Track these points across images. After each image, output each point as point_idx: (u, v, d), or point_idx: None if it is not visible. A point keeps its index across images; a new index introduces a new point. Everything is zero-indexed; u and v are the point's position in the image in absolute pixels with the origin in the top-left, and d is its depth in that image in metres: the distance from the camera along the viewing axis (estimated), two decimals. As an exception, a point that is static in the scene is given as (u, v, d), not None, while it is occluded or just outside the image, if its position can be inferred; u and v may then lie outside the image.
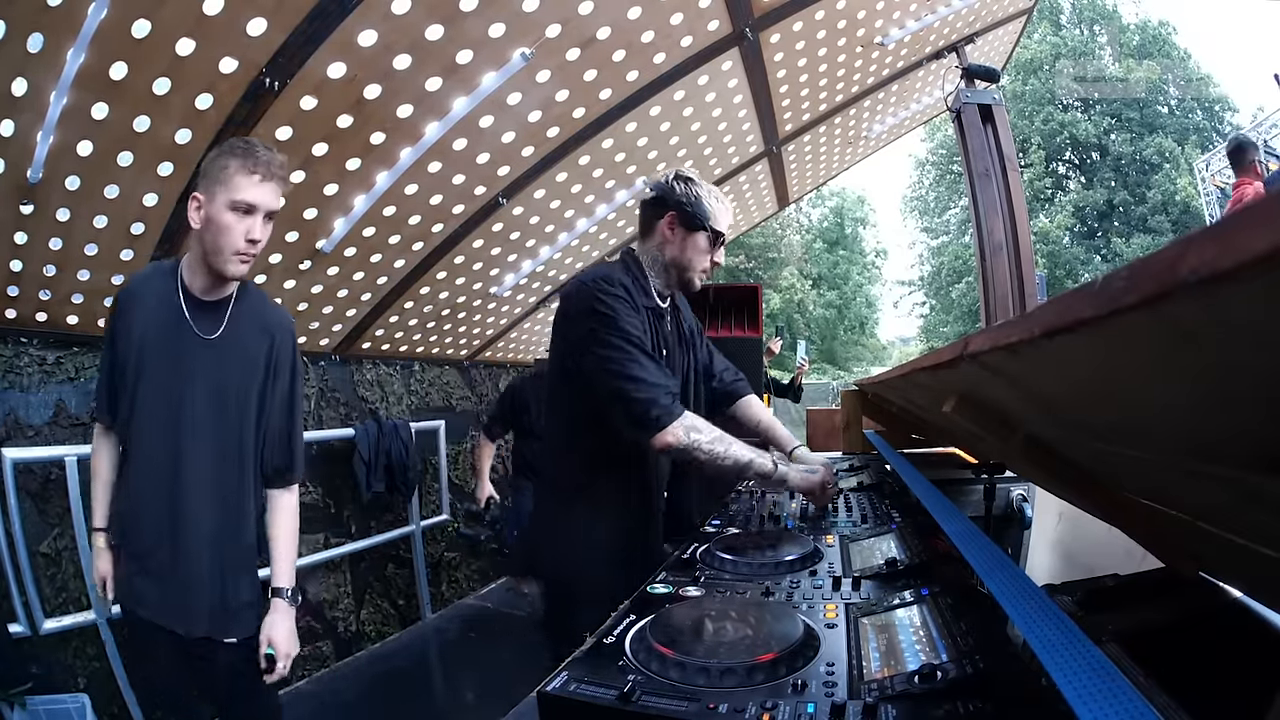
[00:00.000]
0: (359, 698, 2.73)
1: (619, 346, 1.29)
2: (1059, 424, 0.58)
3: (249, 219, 1.30)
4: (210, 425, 1.39)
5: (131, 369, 1.37)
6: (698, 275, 1.46)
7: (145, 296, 1.39)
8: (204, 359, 1.38)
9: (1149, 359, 0.28)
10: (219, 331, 1.38)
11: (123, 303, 1.40)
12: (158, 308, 1.37)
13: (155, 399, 1.37)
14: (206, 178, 1.31)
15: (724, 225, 1.44)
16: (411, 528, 3.61)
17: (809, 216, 25.60)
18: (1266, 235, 0.17)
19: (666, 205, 1.42)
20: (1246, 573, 0.69)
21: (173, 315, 1.37)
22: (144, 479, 1.39)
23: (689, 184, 1.42)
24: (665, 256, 1.45)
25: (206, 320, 1.38)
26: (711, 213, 1.42)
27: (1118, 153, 20.43)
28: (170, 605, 1.38)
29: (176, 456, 1.37)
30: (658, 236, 1.45)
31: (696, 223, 1.41)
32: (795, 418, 8.71)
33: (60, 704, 2.04)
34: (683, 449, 1.29)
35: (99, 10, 1.56)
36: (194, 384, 1.37)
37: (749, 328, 3.13)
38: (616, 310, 1.31)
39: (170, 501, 1.37)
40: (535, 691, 0.66)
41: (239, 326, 1.41)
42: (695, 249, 1.43)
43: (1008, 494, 1.80)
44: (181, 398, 1.37)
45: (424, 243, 2.97)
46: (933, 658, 0.64)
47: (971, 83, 3.54)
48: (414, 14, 1.98)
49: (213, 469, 1.40)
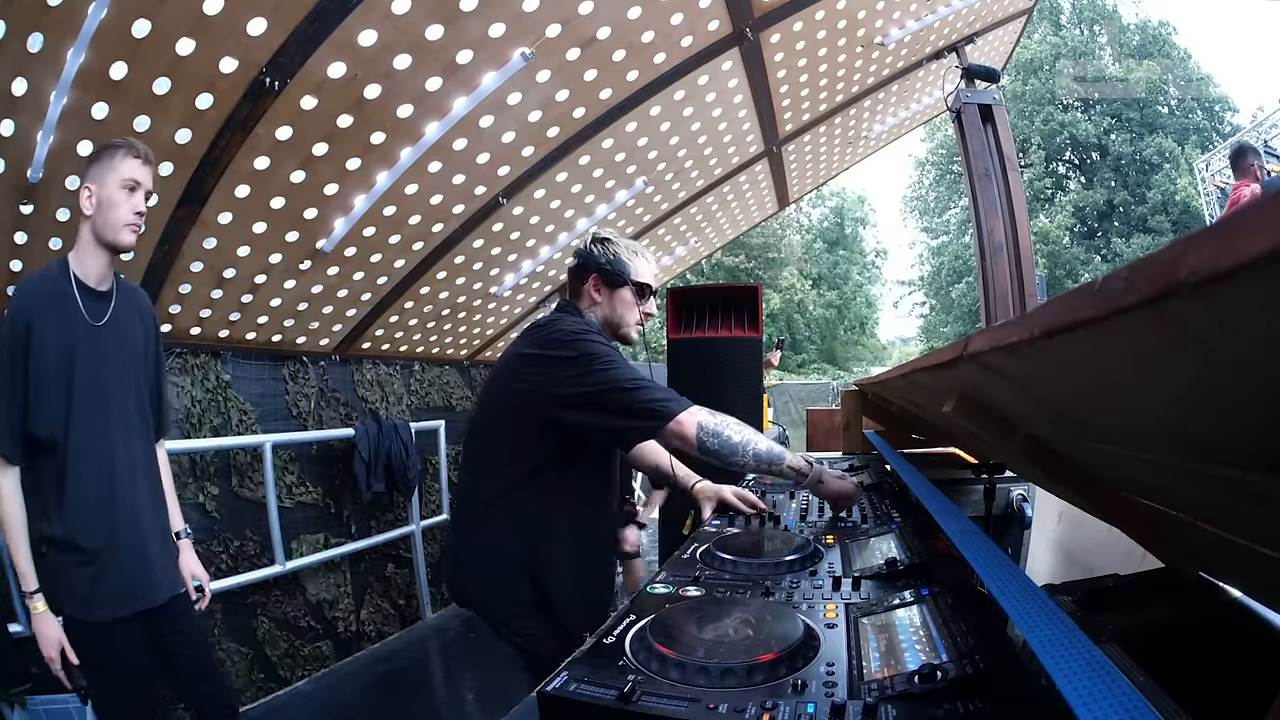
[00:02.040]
0: (359, 698, 2.73)
1: (619, 366, 1.33)
2: (1059, 424, 0.58)
3: (135, 195, 1.50)
4: (126, 405, 1.54)
5: (57, 376, 1.43)
6: (632, 329, 1.51)
7: (45, 300, 1.45)
8: (106, 342, 1.51)
9: (1149, 359, 0.28)
10: (106, 318, 1.51)
11: (24, 311, 1.42)
12: (58, 305, 1.45)
13: (85, 392, 1.46)
14: (96, 166, 1.49)
15: (646, 276, 1.49)
16: (411, 528, 3.61)
17: (809, 216, 25.62)
18: (1266, 235, 0.17)
19: (589, 269, 1.48)
20: (1246, 573, 0.69)
21: (74, 310, 1.47)
22: (88, 477, 1.46)
23: (605, 244, 1.48)
24: (598, 317, 1.49)
25: (97, 308, 1.51)
26: (631, 267, 1.47)
27: (1118, 153, 20.43)
28: (138, 586, 1.50)
29: (110, 445, 1.49)
30: (586, 299, 1.49)
31: (618, 279, 1.46)
32: (795, 418, 8.70)
33: (60, 704, 2.04)
34: (706, 435, 1.28)
35: (99, 10, 1.56)
36: (104, 369, 1.50)
37: (749, 328, 3.13)
38: (610, 350, 1.36)
39: (114, 490, 1.48)
40: (535, 691, 0.66)
41: (119, 310, 1.55)
42: (623, 304, 1.48)
43: (1008, 494, 1.80)
44: (101, 385, 1.49)
45: (424, 243, 2.97)
46: (933, 658, 0.64)
47: (971, 83, 3.54)
48: (414, 14, 1.98)
49: (140, 446, 1.57)
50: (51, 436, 1.42)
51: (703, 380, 3.00)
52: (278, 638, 2.91)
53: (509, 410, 1.40)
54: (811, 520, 1.38)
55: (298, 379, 3.13)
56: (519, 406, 1.37)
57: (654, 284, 1.53)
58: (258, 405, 2.92)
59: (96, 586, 1.44)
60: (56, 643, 1.42)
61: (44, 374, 1.42)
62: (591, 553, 1.48)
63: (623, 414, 1.31)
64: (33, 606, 1.42)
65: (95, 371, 1.48)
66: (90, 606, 1.44)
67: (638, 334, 1.53)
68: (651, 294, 1.53)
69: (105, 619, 1.44)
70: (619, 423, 1.32)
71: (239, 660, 2.73)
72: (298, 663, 2.97)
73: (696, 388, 2.99)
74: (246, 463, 2.83)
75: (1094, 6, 21.37)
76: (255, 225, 2.37)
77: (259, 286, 2.62)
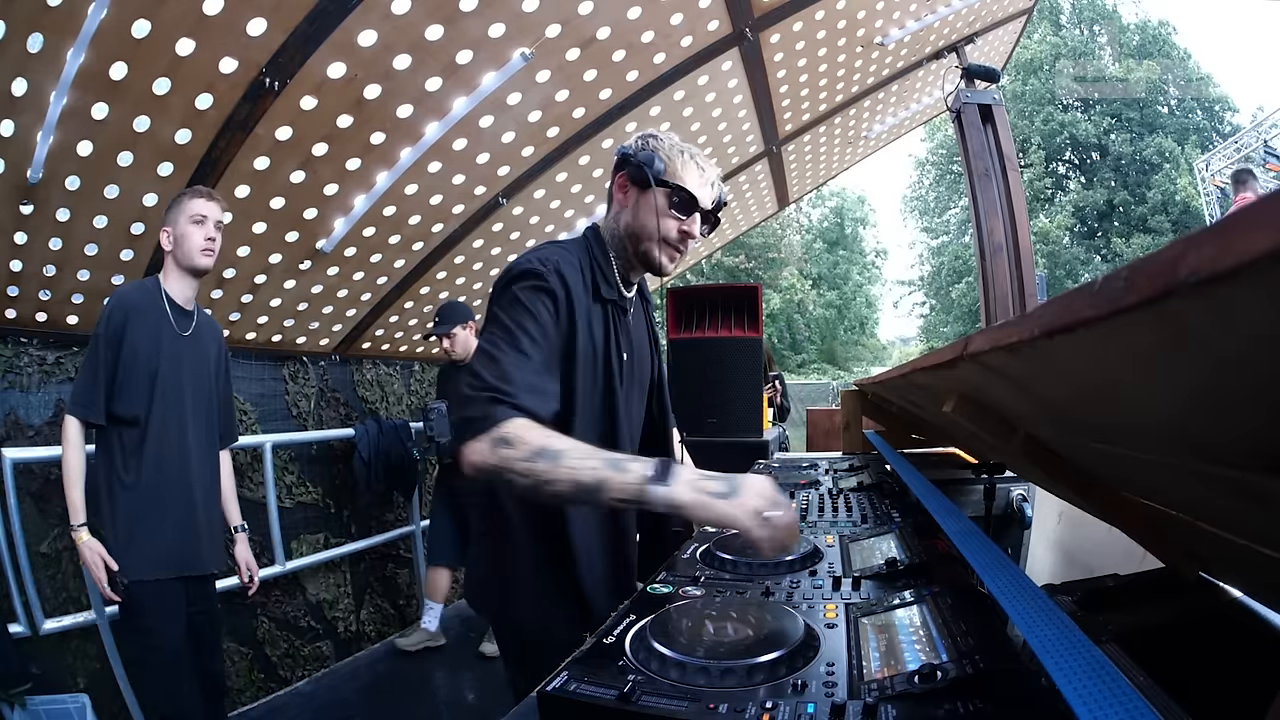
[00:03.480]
0: (359, 698, 2.73)
1: (493, 337, 1.02)
2: (1059, 424, 0.58)
3: (205, 225, 1.80)
4: (198, 405, 1.86)
5: (143, 364, 1.74)
6: (657, 246, 1.16)
7: (141, 306, 1.77)
8: (187, 352, 1.83)
9: (1149, 359, 0.28)
10: (191, 330, 1.85)
11: (121, 310, 1.74)
12: (151, 312, 1.78)
13: (167, 386, 1.77)
14: (170, 212, 1.81)
15: (690, 182, 1.15)
16: (411, 528, 3.61)
17: (809, 216, 25.62)
18: (1266, 235, 0.17)
19: (619, 165, 1.19)
20: (1246, 573, 0.69)
21: (164, 319, 1.80)
22: (161, 455, 1.75)
23: (647, 138, 1.17)
24: (620, 227, 1.19)
25: (182, 322, 1.84)
26: (671, 165, 1.14)
27: (1118, 153, 20.44)
28: (185, 554, 1.79)
29: (184, 433, 1.81)
30: (614, 205, 1.21)
31: (646, 177, 1.13)
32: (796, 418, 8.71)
33: (60, 704, 2.04)
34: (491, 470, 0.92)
35: (99, 10, 1.56)
36: (183, 371, 1.82)
37: (749, 328, 3.13)
38: (527, 301, 1.05)
39: (179, 470, 1.79)
40: (535, 691, 0.66)
41: (200, 328, 1.89)
42: (648, 210, 1.14)
43: (1008, 494, 1.80)
44: (180, 383, 1.81)
45: (424, 243, 2.97)
46: (933, 658, 0.64)
47: (971, 83, 3.54)
48: (414, 14, 1.98)
49: (205, 441, 1.88)
50: (134, 416, 1.73)
51: (703, 380, 3.00)
52: (278, 638, 2.91)
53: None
54: (812, 520, 1.38)
55: (298, 379, 3.13)
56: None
57: (701, 197, 1.16)
58: (258, 405, 2.92)
59: (151, 547, 1.72)
60: (98, 554, 1.68)
61: (132, 364, 1.72)
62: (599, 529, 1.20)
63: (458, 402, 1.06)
64: (78, 536, 1.70)
65: (175, 371, 1.79)
66: (140, 565, 1.70)
67: (669, 258, 1.18)
68: (699, 211, 1.17)
69: (150, 578, 1.71)
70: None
71: (239, 660, 2.73)
72: (298, 663, 2.97)
73: (696, 388, 3.02)
74: (246, 463, 2.83)
75: (1094, 6, 21.38)
76: (255, 225, 2.37)
77: (259, 286, 2.62)
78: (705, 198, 1.17)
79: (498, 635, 1.27)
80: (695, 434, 2.81)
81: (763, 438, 3.05)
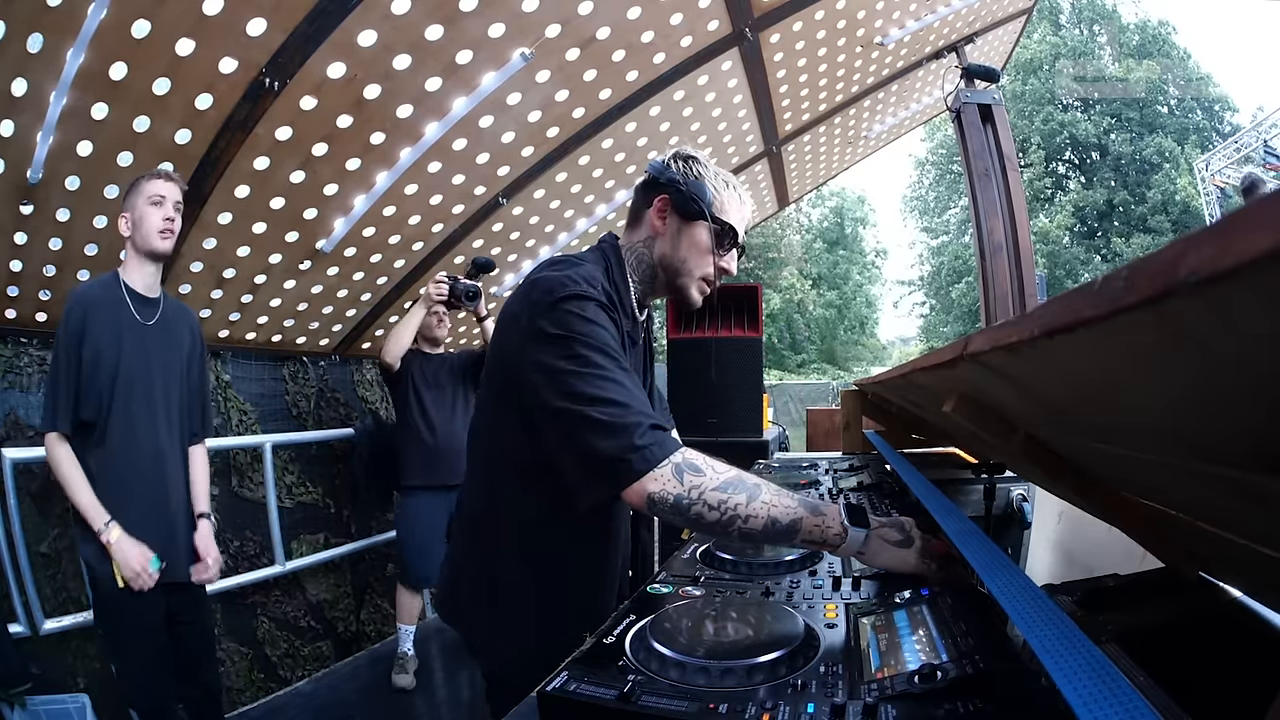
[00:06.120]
0: (359, 698, 2.73)
1: (590, 361, 0.91)
2: (1059, 424, 0.58)
3: (162, 207, 1.71)
4: (169, 398, 1.77)
5: (106, 362, 1.65)
6: (695, 286, 1.10)
7: (100, 299, 1.68)
8: (153, 341, 1.74)
9: (1149, 359, 0.28)
10: (155, 318, 1.76)
11: (80, 308, 1.65)
12: (110, 305, 1.69)
13: (134, 381, 1.69)
14: (128, 196, 1.73)
15: (735, 218, 1.09)
16: (411, 528, 3.60)
17: (809, 216, 25.63)
18: (1267, 235, 0.17)
19: (659, 185, 1.08)
20: (1246, 573, 0.69)
21: (123, 307, 1.71)
22: (129, 455, 1.66)
23: (690, 163, 1.08)
24: (653, 255, 1.10)
25: (146, 311, 1.75)
26: (718, 199, 1.07)
27: (1118, 153, 20.44)
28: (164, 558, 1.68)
29: (154, 430, 1.72)
30: (645, 229, 1.11)
31: (695, 208, 1.05)
32: (796, 418, 8.70)
33: (60, 704, 2.04)
34: (674, 502, 0.85)
35: (99, 10, 1.56)
36: (151, 362, 1.73)
37: (749, 328, 3.13)
38: (595, 319, 0.95)
39: (151, 470, 1.70)
40: (535, 691, 0.66)
41: (168, 315, 1.79)
42: (692, 246, 1.07)
43: (1008, 494, 1.80)
44: (149, 376, 1.72)
45: (424, 243, 2.97)
46: (933, 658, 0.64)
47: (971, 83, 3.54)
48: (414, 14, 1.98)
49: (177, 437, 1.79)
50: (94, 415, 1.63)
51: (703, 380, 3.00)
52: (278, 638, 2.91)
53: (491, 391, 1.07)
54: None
55: (297, 379, 3.13)
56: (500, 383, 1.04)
57: (741, 232, 1.11)
58: (258, 405, 2.92)
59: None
60: (139, 558, 1.62)
61: (93, 361, 1.63)
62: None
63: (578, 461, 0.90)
64: (109, 535, 1.61)
65: (141, 363, 1.70)
66: (115, 575, 1.61)
67: (702, 293, 1.11)
68: (735, 248, 1.11)
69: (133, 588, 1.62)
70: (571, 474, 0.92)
71: (239, 660, 2.73)
72: (298, 663, 2.97)
73: (696, 388, 3.02)
74: (246, 463, 2.83)
75: (1094, 6, 21.39)
76: (255, 225, 2.37)
77: (259, 287, 2.62)
78: (743, 230, 1.12)
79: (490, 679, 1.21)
80: (695, 434, 2.81)
81: (762, 437, 3.06)
